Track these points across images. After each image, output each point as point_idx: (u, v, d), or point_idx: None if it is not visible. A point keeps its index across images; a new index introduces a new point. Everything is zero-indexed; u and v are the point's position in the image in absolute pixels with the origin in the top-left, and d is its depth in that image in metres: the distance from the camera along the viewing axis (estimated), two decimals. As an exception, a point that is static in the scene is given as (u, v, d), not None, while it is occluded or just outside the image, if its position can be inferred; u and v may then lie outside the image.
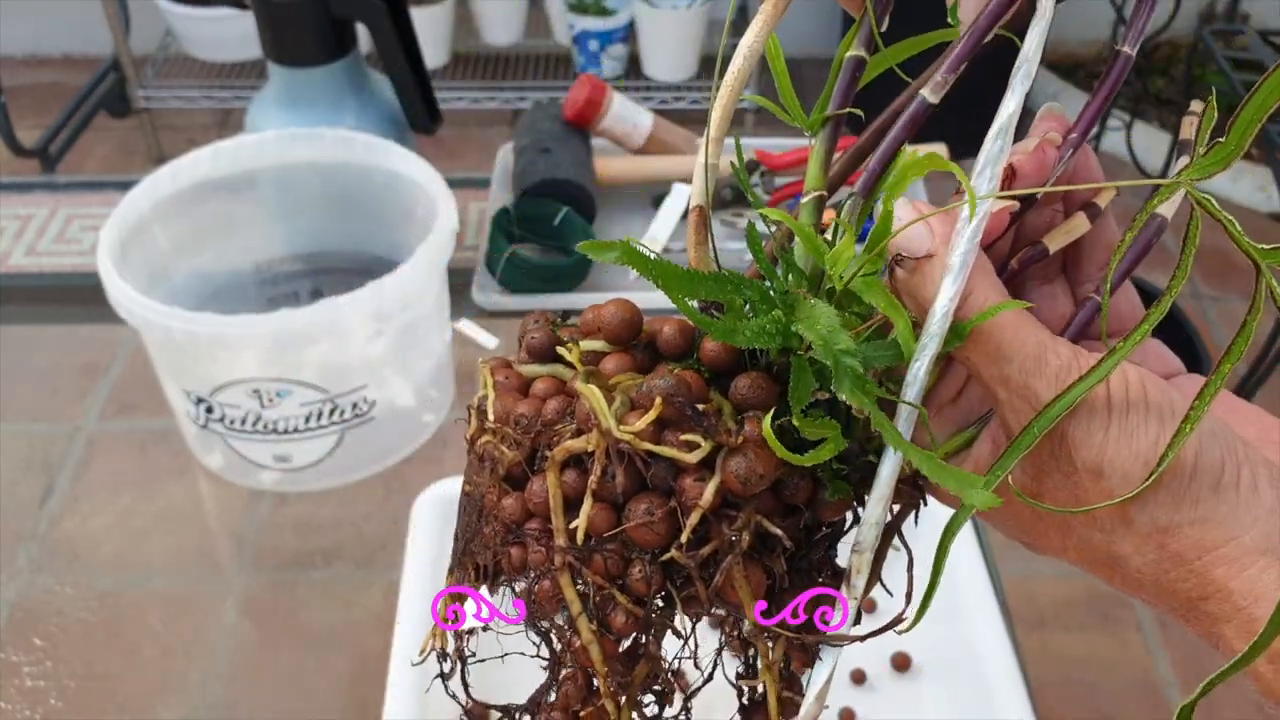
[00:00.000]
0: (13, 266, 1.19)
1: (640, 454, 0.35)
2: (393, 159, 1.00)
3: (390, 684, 0.72)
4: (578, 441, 0.36)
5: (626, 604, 0.36)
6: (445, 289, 0.97)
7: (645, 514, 0.35)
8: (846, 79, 0.38)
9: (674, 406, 0.35)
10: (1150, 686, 0.87)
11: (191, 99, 2.53)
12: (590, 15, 2.49)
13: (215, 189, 1.01)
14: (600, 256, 0.35)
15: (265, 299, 1.08)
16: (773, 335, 0.35)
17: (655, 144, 1.26)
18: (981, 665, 0.75)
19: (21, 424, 1.03)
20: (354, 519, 0.94)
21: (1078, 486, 0.34)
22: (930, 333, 0.35)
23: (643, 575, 0.36)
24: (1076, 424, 0.34)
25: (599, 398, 0.36)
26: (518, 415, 0.38)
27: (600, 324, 0.38)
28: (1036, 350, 0.34)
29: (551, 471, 0.36)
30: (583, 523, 0.36)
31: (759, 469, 0.34)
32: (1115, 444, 0.33)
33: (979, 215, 0.34)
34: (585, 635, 0.36)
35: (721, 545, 0.35)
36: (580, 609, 0.36)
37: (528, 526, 0.37)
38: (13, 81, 2.71)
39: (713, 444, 0.35)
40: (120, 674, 0.83)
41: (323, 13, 1.06)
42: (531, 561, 0.37)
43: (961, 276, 0.34)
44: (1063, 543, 0.37)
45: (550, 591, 0.36)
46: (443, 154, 2.06)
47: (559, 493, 0.36)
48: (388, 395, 0.92)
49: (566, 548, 0.36)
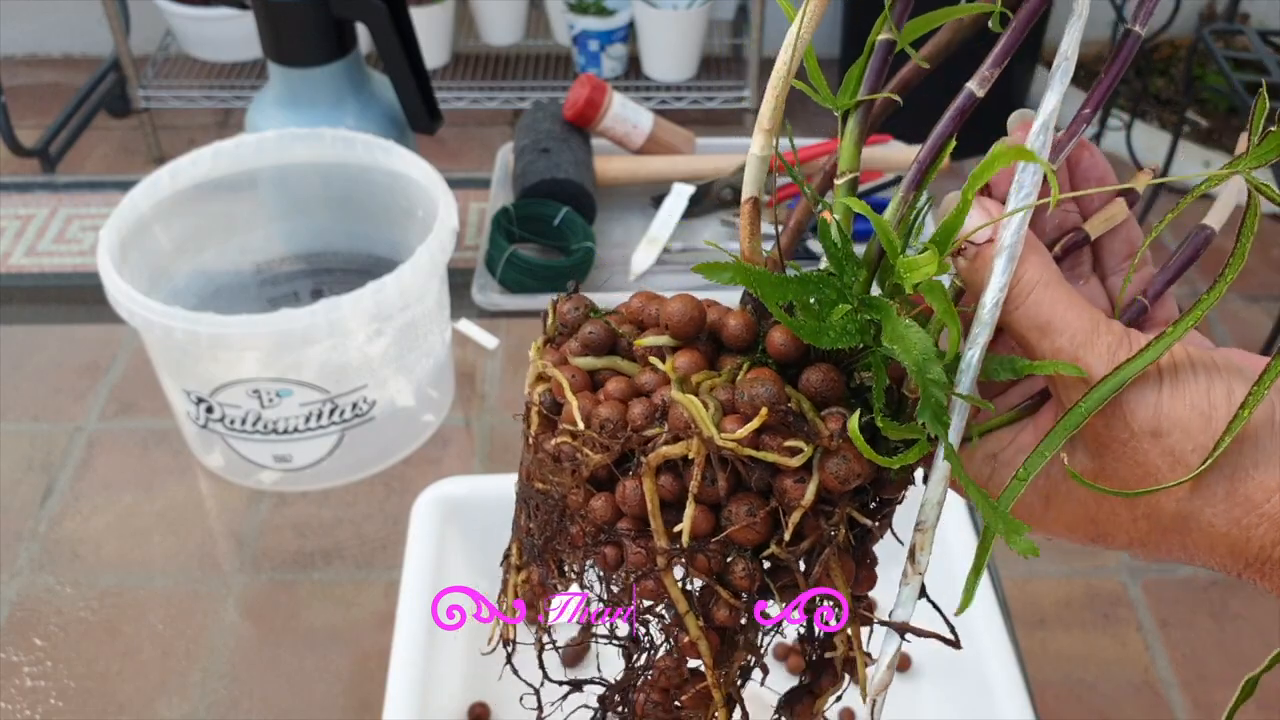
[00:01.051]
0: (13, 266, 1.19)
1: (742, 459, 0.36)
2: (393, 159, 1.00)
3: (390, 684, 0.72)
4: (676, 448, 0.37)
5: (728, 598, 0.38)
6: (445, 289, 0.97)
7: (747, 515, 0.37)
8: (878, 61, 0.39)
9: (776, 414, 0.36)
10: (1150, 686, 0.87)
11: (191, 99, 2.53)
12: (590, 15, 2.49)
13: (215, 189, 1.01)
14: (715, 278, 0.36)
15: (265, 299, 1.08)
16: (854, 335, 0.36)
17: (655, 144, 1.26)
18: (981, 665, 0.75)
19: (22, 424, 1.03)
20: (354, 519, 0.94)
21: (1137, 451, 0.35)
22: (982, 321, 0.36)
23: (746, 572, 0.38)
24: (1128, 391, 0.34)
25: (699, 408, 0.37)
26: (602, 420, 0.39)
27: (668, 322, 0.39)
28: (1089, 324, 0.35)
29: (648, 478, 0.38)
30: (688, 525, 0.37)
31: (856, 469, 0.36)
32: (1170, 400, 0.34)
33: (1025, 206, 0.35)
34: (694, 631, 0.38)
35: (819, 539, 0.37)
36: (687, 606, 0.38)
37: (620, 526, 0.39)
38: (13, 81, 2.71)
39: (813, 449, 0.36)
40: (120, 674, 0.83)
41: (323, 13, 1.06)
42: (631, 561, 0.38)
43: (1011, 265, 0.35)
44: (1131, 514, 0.36)
45: (654, 590, 0.38)
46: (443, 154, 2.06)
47: (656, 496, 0.38)
48: (388, 395, 0.92)
49: (669, 549, 0.38)
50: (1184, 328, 0.34)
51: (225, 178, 1.01)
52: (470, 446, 1.00)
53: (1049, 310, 0.35)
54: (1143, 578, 0.93)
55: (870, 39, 0.39)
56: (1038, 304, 0.35)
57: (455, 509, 0.82)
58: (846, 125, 0.39)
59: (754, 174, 0.40)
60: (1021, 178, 0.36)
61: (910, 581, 0.38)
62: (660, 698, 0.41)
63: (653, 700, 0.41)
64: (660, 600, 0.39)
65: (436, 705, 0.73)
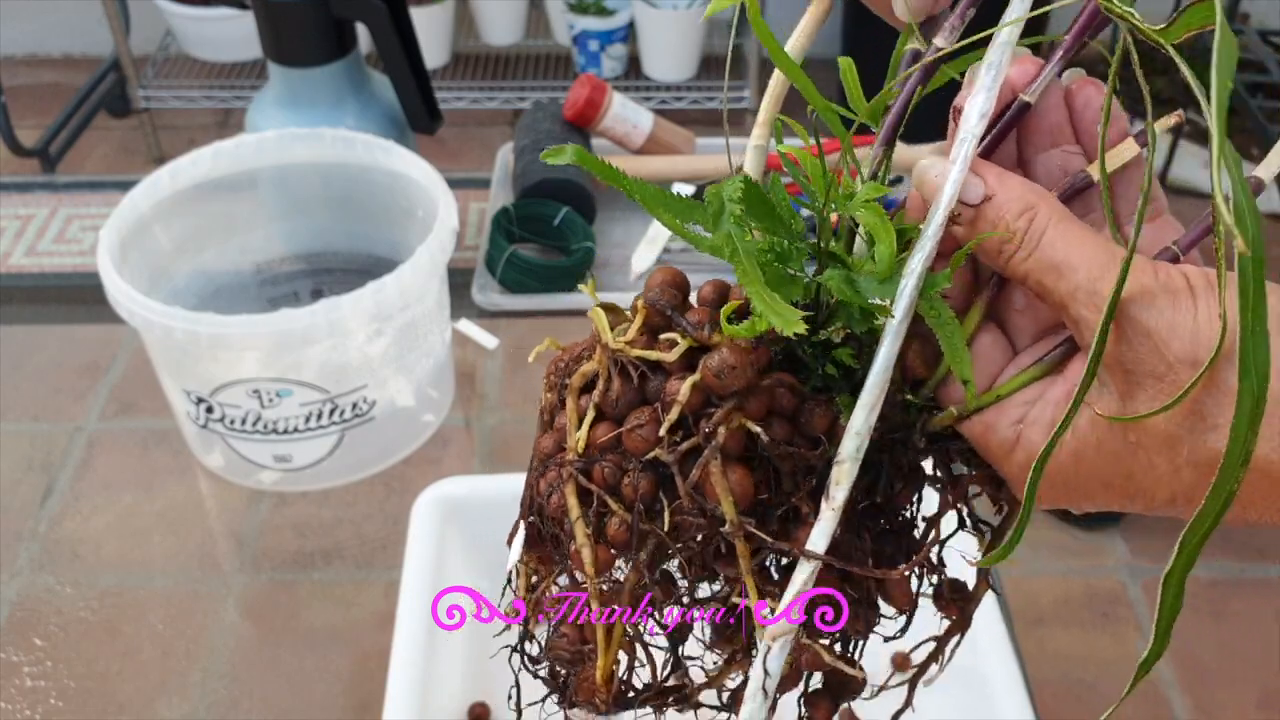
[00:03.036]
0: (13, 266, 1.19)
1: (633, 362, 0.37)
2: (393, 159, 1.00)
3: (390, 684, 0.72)
4: (589, 364, 0.38)
5: (619, 510, 0.37)
6: (445, 289, 0.97)
7: (635, 420, 0.37)
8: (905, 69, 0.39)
9: (655, 310, 0.37)
10: (1150, 686, 0.87)
11: (191, 99, 2.53)
12: (590, 15, 2.49)
13: (215, 189, 1.01)
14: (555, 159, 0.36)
15: (265, 299, 1.08)
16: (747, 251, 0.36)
17: (655, 144, 1.26)
18: (981, 665, 0.75)
19: (22, 424, 1.03)
20: (354, 519, 0.94)
21: (1176, 386, 0.32)
22: (928, 234, 0.35)
23: (631, 481, 0.37)
24: (1159, 315, 0.32)
25: (601, 316, 0.38)
26: (555, 361, 0.40)
27: (647, 289, 0.39)
28: (1106, 256, 0.33)
29: (570, 396, 0.38)
30: (583, 433, 0.38)
31: (731, 360, 0.35)
32: (1207, 324, 0.31)
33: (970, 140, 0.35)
34: (579, 539, 0.38)
35: (700, 441, 0.36)
36: (578, 514, 0.38)
37: (555, 456, 0.39)
38: (13, 81, 2.71)
39: (691, 341, 0.36)
40: (120, 674, 0.83)
41: (323, 13, 1.06)
42: (548, 481, 0.39)
43: (953, 195, 0.35)
44: (1172, 462, 0.33)
45: (558, 504, 0.38)
46: (443, 154, 2.06)
47: (575, 414, 0.38)
48: (388, 395, 0.92)
49: (573, 460, 0.38)
50: None
51: (225, 178, 1.01)
52: (470, 446, 1.00)
53: (1063, 250, 0.33)
54: (1143, 577, 0.93)
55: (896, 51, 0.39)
56: (1050, 244, 0.34)
57: (455, 509, 0.82)
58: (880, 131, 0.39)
59: (754, 164, 0.41)
60: (969, 108, 0.35)
61: (822, 518, 0.36)
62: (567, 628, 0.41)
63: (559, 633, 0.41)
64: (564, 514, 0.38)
65: (436, 705, 0.73)
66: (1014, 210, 0.35)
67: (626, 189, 0.35)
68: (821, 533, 0.36)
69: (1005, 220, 0.35)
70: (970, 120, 0.35)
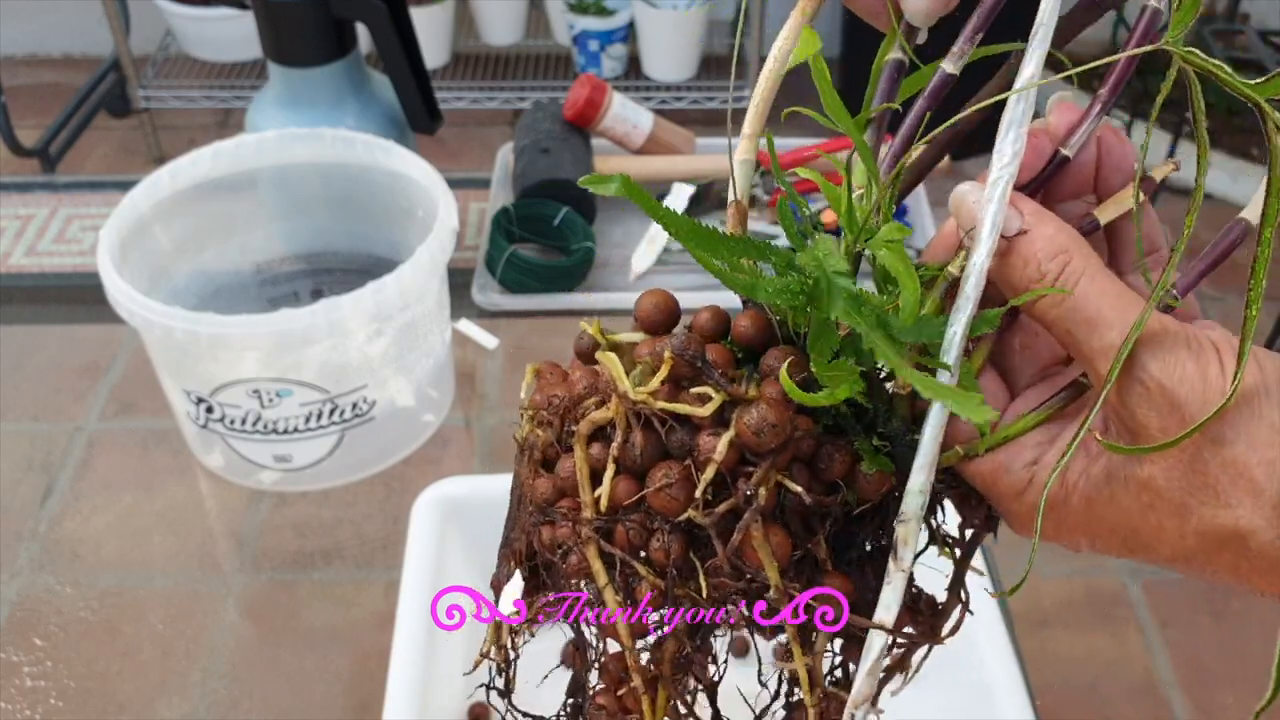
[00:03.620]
0: (13, 266, 1.19)
1: (657, 415, 0.34)
2: (393, 159, 1.00)
3: (390, 684, 0.72)
4: (601, 412, 0.35)
5: (649, 575, 0.35)
6: (445, 289, 0.97)
7: (663, 479, 0.34)
8: (887, 82, 0.38)
9: (685, 361, 0.34)
10: (1150, 686, 0.87)
11: (191, 99, 2.53)
12: (590, 15, 2.49)
13: (215, 189, 1.01)
14: (600, 189, 0.34)
15: (265, 299, 1.08)
16: (794, 294, 0.34)
17: (655, 144, 1.26)
18: (981, 666, 0.75)
19: (22, 424, 1.03)
20: (354, 519, 0.94)
21: (1195, 460, 0.32)
22: (965, 294, 0.34)
23: (661, 544, 0.35)
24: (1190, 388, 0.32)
25: (615, 362, 0.35)
26: (551, 397, 0.37)
27: (637, 314, 0.38)
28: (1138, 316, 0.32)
29: (578, 445, 0.36)
30: (606, 491, 0.35)
31: (771, 418, 0.33)
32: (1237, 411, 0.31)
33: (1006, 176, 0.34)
34: (612, 607, 0.36)
35: (739, 502, 0.34)
36: (606, 580, 0.36)
37: (559, 505, 0.37)
38: (13, 81, 2.71)
39: (725, 396, 0.34)
40: (120, 674, 0.83)
41: (323, 13, 1.06)
42: (559, 537, 0.36)
43: (994, 234, 0.34)
44: (1180, 529, 0.33)
45: (577, 565, 0.36)
46: (443, 154, 2.06)
47: (585, 466, 0.36)
48: (388, 395, 0.92)
49: (591, 519, 0.35)
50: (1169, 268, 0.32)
51: (225, 178, 1.01)
52: (470, 446, 1.00)
53: (1096, 303, 0.33)
54: (1143, 578, 0.93)
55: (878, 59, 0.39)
56: (1084, 296, 0.33)
57: (455, 509, 0.82)
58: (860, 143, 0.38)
59: (740, 178, 0.40)
60: (1002, 146, 0.35)
61: (892, 580, 0.35)
62: (605, 699, 0.39)
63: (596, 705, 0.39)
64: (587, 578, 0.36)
65: (436, 705, 0.73)
66: (1048, 251, 0.34)
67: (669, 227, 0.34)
68: (894, 597, 0.35)
69: (1038, 259, 0.34)
70: (1004, 156, 0.34)
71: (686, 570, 0.35)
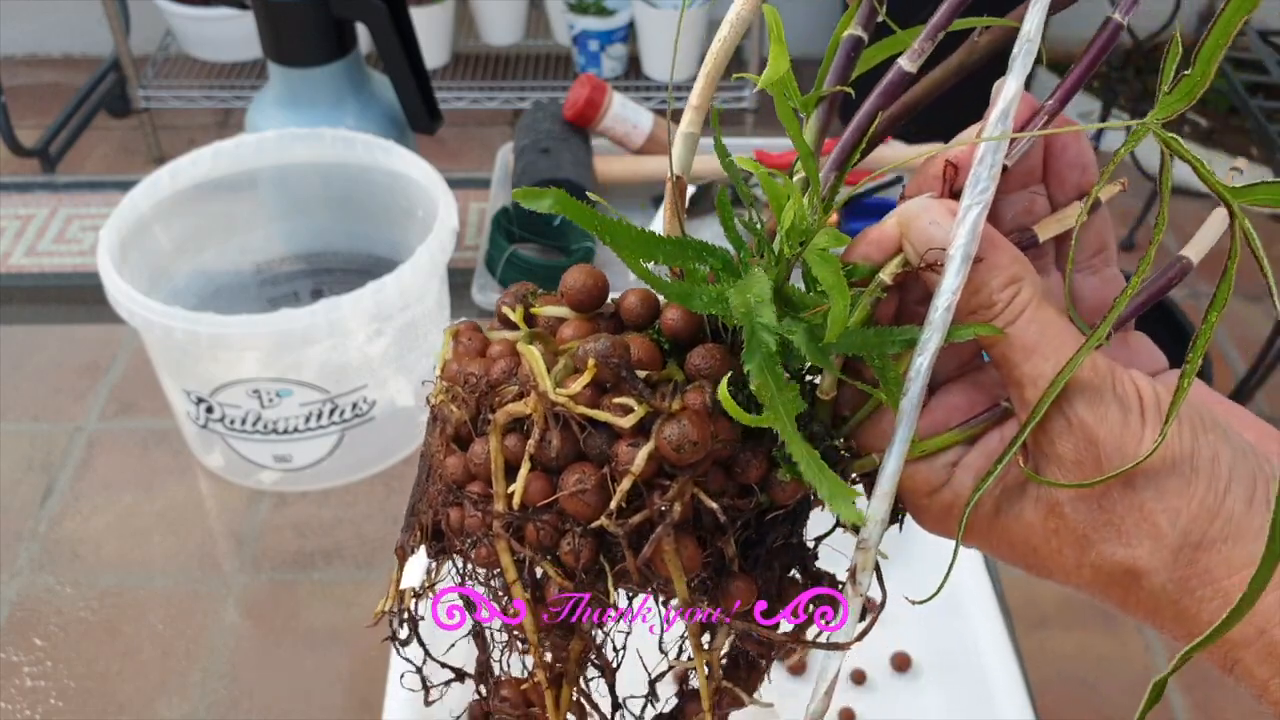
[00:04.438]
0: (13, 266, 1.19)
1: (576, 418, 0.34)
2: (393, 159, 1.00)
3: (390, 684, 0.72)
4: (518, 405, 0.35)
5: (557, 576, 0.35)
6: (445, 289, 0.97)
7: (578, 484, 0.34)
8: (843, 59, 0.37)
9: (609, 369, 0.34)
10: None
11: (191, 99, 2.53)
12: (590, 15, 2.49)
13: (215, 189, 1.01)
14: (531, 204, 0.33)
15: (265, 299, 1.08)
16: (725, 303, 0.33)
17: (655, 144, 1.26)
18: (981, 665, 0.75)
19: (22, 424, 1.03)
20: (354, 519, 0.94)
21: (1104, 497, 0.34)
22: (933, 324, 0.34)
23: (571, 548, 0.34)
24: (1109, 428, 0.33)
25: (537, 358, 0.34)
26: (468, 374, 0.37)
27: (564, 291, 0.37)
28: (1073, 350, 0.33)
29: (494, 435, 0.35)
30: (519, 490, 0.34)
31: (693, 435, 0.33)
32: (1151, 442, 0.33)
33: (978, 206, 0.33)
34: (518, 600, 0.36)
35: (653, 515, 0.34)
36: (515, 577, 0.35)
37: (468, 489, 0.36)
38: (13, 81, 2.71)
39: (647, 409, 0.33)
40: (120, 674, 0.83)
41: (323, 13, 1.06)
42: (468, 526, 0.36)
43: (965, 267, 0.34)
44: (1078, 559, 0.35)
45: (487, 557, 0.36)
46: (443, 154, 2.06)
47: (500, 457, 0.35)
48: (388, 395, 0.92)
49: (504, 513, 0.35)
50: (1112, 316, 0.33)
51: (225, 178, 1.01)
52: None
53: (1039, 331, 0.34)
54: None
55: (835, 36, 0.37)
56: (1028, 323, 0.34)
57: (455, 509, 0.82)
58: (807, 123, 0.37)
59: (680, 152, 0.38)
60: (978, 171, 0.34)
61: (851, 603, 0.35)
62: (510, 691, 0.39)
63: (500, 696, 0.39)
64: (494, 569, 0.36)
65: (436, 705, 0.73)
66: (1001, 280, 0.34)
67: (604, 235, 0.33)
68: (852, 622, 0.35)
69: (990, 288, 0.34)
70: (980, 182, 0.34)
71: (595, 571, 0.35)
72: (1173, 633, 0.35)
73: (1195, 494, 0.33)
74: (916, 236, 0.35)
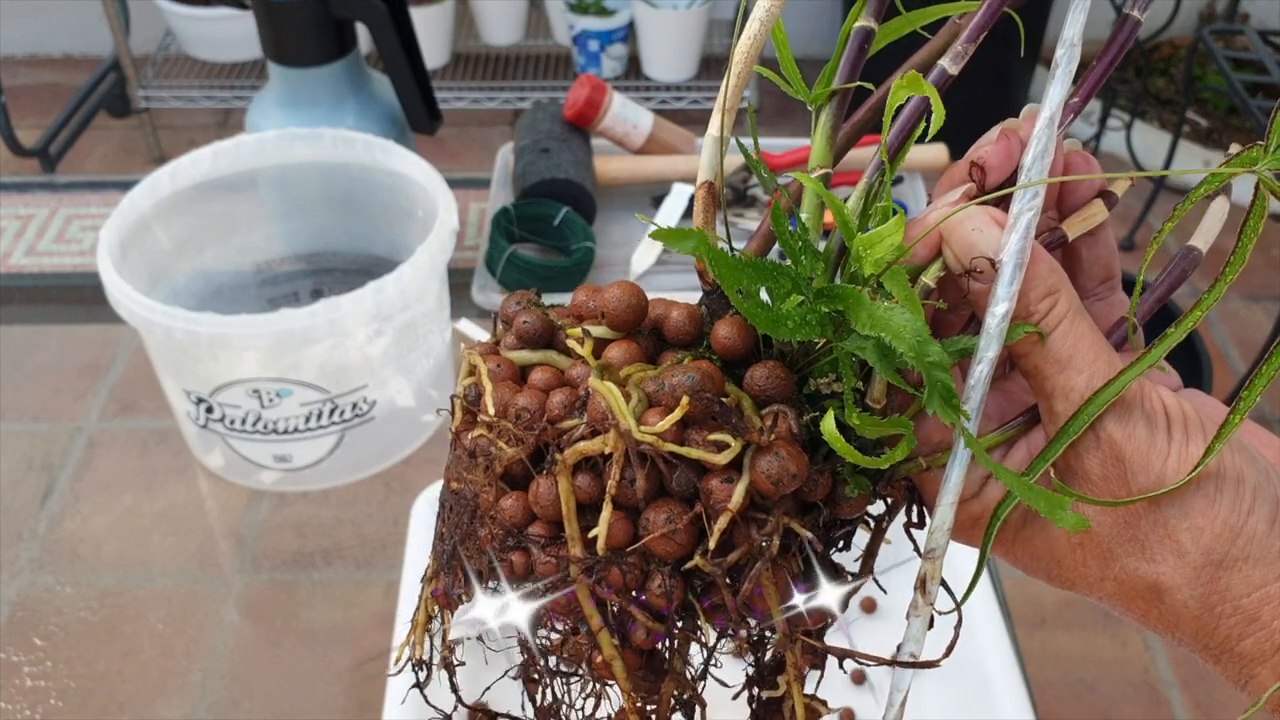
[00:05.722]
0: (13, 266, 1.19)
1: (663, 456, 0.32)
2: (393, 159, 1.00)
3: (390, 684, 0.72)
4: (593, 443, 0.33)
5: (645, 620, 0.34)
6: (445, 289, 0.97)
7: (666, 522, 0.32)
8: (854, 51, 0.36)
9: (701, 404, 0.32)
10: (1150, 686, 0.87)
11: (191, 99, 2.53)
12: (590, 15, 2.49)
13: (215, 189, 1.01)
14: (677, 246, 0.32)
15: (265, 299, 1.08)
16: (813, 327, 0.33)
17: (655, 144, 1.26)
18: (981, 665, 0.75)
19: (22, 424, 1.03)
20: (354, 519, 0.94)
21: (1129, 512, 0.34)
22: (990, 334, 0.34)
23: (662, 589, 0.33)
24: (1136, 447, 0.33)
25: (618, 397, 0.33)
26: (519, 409, 0.35)
27: (604, 309, 0.35)
28: (1107, 367, 0.34)
29: (563, 476, 0.33)
30: (603, 532, 0.33)
31: (791, 468, 0.32)
32: (1174, 471, 0.33)
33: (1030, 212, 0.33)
34: (608, 651, 0.34)
35: (751, 551, 0.33)
36: (601, 624, 0.34)
37: (530, 531, 0.34)
38: (13, 81, 2.71)
39: (742, 444, 0.32)
40: (120, 674, 0.83)
41: (323, 13, 1.06)
42: (541, 571, 0.34)
43: (1018, 276, 0.33)
44: (1102, 572, 0.35)
45: (566, 604, 0.34)
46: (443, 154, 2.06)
47: (571, 499, 0.33)
48: (388, 395, 0.92)
49: (582, 558, 0.33)
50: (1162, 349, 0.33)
51: (225, 178, 1.01)
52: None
53: (1073, 344, 0.34)
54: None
55: (845, 28, 0.37)
56: (1064, 336, 0.34)
57: (455, 509, 0.82)
58: (819, 119, 0.37)
59: (709, 157, 0.37)
60: (1028, 175, 0.34)
61: (920, 613, 0.35)
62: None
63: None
64: (572, 616, 0.34)
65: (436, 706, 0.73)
66: (1040, 290, 0.34)
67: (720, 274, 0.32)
68: (920, 628, 0.35)
69: (1029, 298, 0.34)
70: (1028, 192, 0.33)
71: (685, 612, 0.34)
72: (1192, 648, 0.35)
73: (1219, 513, 0.33)
74: (959, 243, 0.34)
